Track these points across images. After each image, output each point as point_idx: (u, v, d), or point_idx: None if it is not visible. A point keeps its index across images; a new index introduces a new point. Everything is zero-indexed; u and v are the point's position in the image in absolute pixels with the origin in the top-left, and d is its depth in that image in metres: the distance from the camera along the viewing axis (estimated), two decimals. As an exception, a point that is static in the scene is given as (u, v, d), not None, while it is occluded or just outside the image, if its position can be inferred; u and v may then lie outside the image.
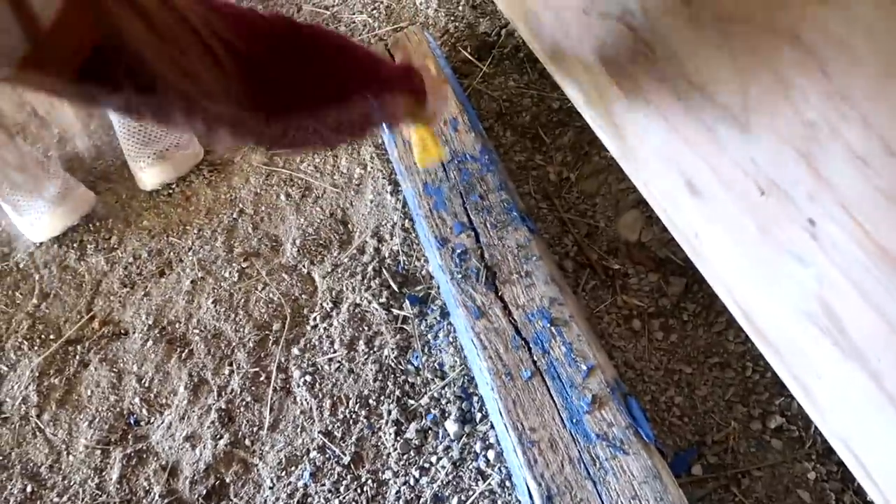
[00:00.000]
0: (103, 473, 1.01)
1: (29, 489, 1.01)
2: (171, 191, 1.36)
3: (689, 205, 0.79)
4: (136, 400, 1.08)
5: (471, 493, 0.86)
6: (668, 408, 0.86)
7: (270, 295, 1.16)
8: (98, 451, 1.03)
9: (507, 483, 0.86)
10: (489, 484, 0.86)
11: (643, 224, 1.01)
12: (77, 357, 1.16)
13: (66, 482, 1.01)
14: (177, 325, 1.16)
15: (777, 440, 0.80)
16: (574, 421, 0.78)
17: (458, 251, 0.97)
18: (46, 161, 1.30)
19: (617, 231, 1.04)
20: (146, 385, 1.10)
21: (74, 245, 1.31)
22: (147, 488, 0.98)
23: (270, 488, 0.93)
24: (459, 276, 0.94)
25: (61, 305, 1.24)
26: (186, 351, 1.12)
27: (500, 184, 1.04)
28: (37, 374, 1.15)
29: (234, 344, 1.11)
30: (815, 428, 0.79)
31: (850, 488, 0.76)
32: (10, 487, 1.02)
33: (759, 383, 0.85)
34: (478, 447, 0.89)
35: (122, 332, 1.17)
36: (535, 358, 0.84)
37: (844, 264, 0.55)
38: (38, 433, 1.08)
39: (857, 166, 0.49)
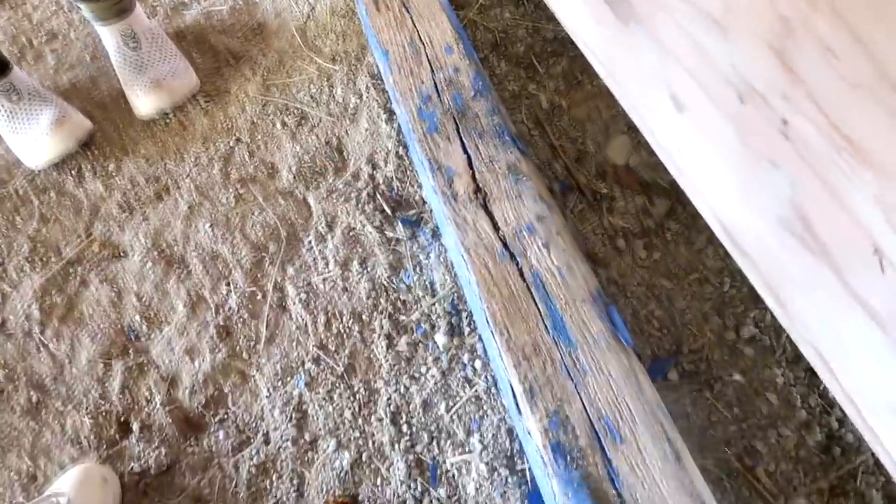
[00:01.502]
0: (105, 384, 1.05)
1: (35, 398, 1.06)
2: (167, 120, 1.37)
3: (674, 121, 0.81)
4: (136, 317, 1.12)
5: (458, 399, 0.90)
6: (649, 320, 0.90)
7: (266, 219, 1.18)
8: (100, 364, 1.07)
9: (493, 390, 0.90)
10: (475, 390, 0.90)
11: (631, 149, 1.04)
12: (77, 277, 1.19)
13: (69, 392, 1.05)
14: (175, 247, 1.19)
15: (749, 349, 0.84)
16: (557, 328, 0.81)
17: (451, 173, 0.99)
18: (42, 88, 1.32)
19: (605, 156, 1.06)
20: (145, 303, 1.13)
21: (72, 172, 1.33)
22: (148, 397, 1.02)
23: (267, 397, 0.98)
24: (451, 195, 0.97)
25: (61, 229, 1.26)
26: (185, 271, 1.15)
27: (492, 108, 1.06)
28: (39, 294, 1.18)
29: (231, 264, 1.14)
30: (786, 338, 0.83)
31: (816, 391, 0.80)
32: (16, 397, 1.06)
33: (735, 297, 0.88)
34: (465, 358, 0.93)
35: (121, 253, 1.20)
36: (522, 270, 0.87)
37: (813, 160, 0.58)
38: (41, 348, 1.12)
39: (826, 58, 0.51)
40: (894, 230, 0.51)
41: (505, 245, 0.90)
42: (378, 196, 1.15)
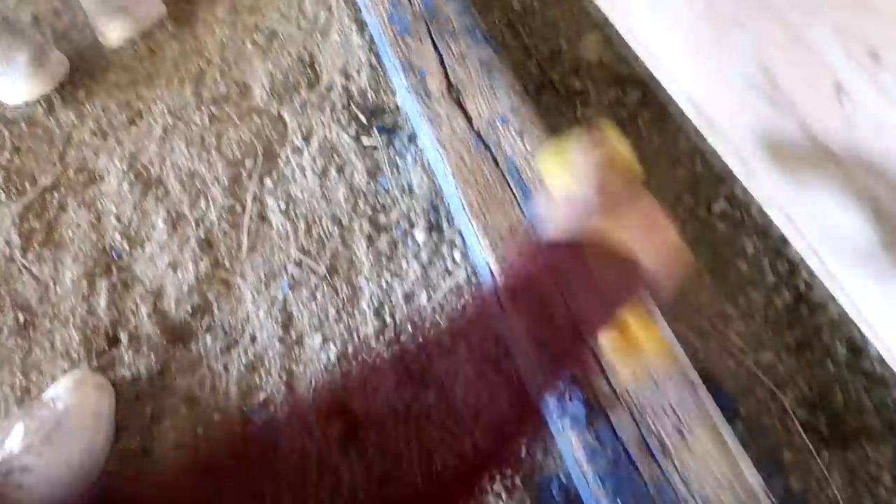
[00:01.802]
0: (91, 301, 1.06)
1: (22, 319, 1.06)
2: (135, 47, 1.35)
3: (644, 7, 0.82)
4: (117, 236, 1.12)
5: (439, 289, 0.92)
6: (622, 203, 0.92)
7: (241, 135, 1.18)
8: (84, 282, 1.08)
9: (473, 278, 0.92)
10: (456, 280, 0.92)
11: (603, 44, 1.04)
12: (55, 202, 1.19)
13: (56, 310, 1.06)
14: (151, 169, 1.18)
15: (721, 223, 0.87)
16: (532, 210, 0.83)
17: (423, 72, 0.99)
18: (14, 21, 1.28)
19: (578, 53, 1.07)
20: (125, 223, 1.13)
21: (42, 103, 1.31)
22: (134, 310, 1.03)
23: (252, 301, 0.99)
24: (424, 94, 0.97)
25: (34, 157, 1.25)
26: (162, 190, 1.15)
27: (463, 9, 1.05)
28: (17, 220, 1.18)
29: (208, 181, 1.14)
30: (756, 210, 0.86)
31: (784, 257, 0.83)
32: (3, 318, 1.07)
33: (707, 176, 0.90)
34: (444, 250, 0.95)
35: (98, 178, 1.19)
36: (497, 159, 0.88)
37: (776, 4, 0.59)
38: (23, 270, 1.12)
39: None
40: (852, 60, 0.53)
41: (479, 137, 0.91)
42: (353, 106, 1.15)
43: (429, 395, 0.39)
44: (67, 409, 0.86)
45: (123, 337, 1.01)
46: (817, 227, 0.69)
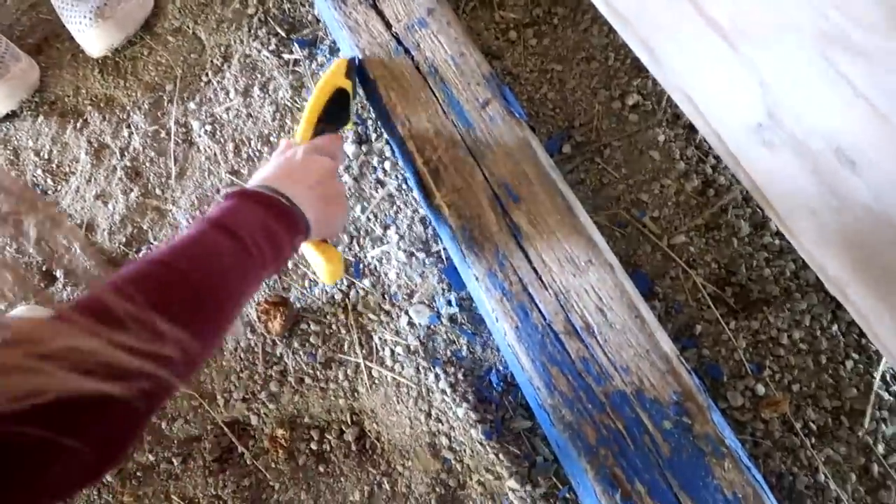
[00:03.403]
0: (20, 239, 1.04)
1: (-52, 262, 1.04)
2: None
3: None
4: (39, 172, 1.09)
5: (371, 199, 0.94)
6: (542, 103, 0.94)
7: (158, 58, 1.14)
8: (10, 221, 1.05)
9: (404, 186, 0.94)
10: (388, 189, 0.94)
11: (518, -59, 1.03)
12: (-33, 141, 1.14)
13: (-16, 251, 1.04)
14: (65, 99, 1.14)
15: (633, 115, 0.90)
16: (455, 111, 0.85)
17: (337, -21, 0.97)
18: None
19: (493, -47, 1.06)
20: (45, 157, 1.10)
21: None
22: (67, 245, 1.02)
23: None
24: (341, 1, 0.95)
25: (-64, 94, 1.18)
26: (80, 121, 1.11)
27: None
28: (-71, 162, 1.13)
29: (128, 108, 1.11)
30: (666, 100, 0.90)
31: (693, 144, 0.88)
32: (-72, 263, 1.05)
33: (620, 69, 0.93)
34: (374, 161, 0.96)
35: (9, 112, 1.14)
36: (417, 62, 0.89)
37: None
38: (-57, 214, 1.08)
39: None
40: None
41: (398, 41, 0.91)
42: (270, 20, 1.12)
43: None
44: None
45: (59, 273, 1.00)
46: (714, 106, 0.73)
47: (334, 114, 0.83)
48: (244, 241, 0.54)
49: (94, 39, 1.09)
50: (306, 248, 0.72)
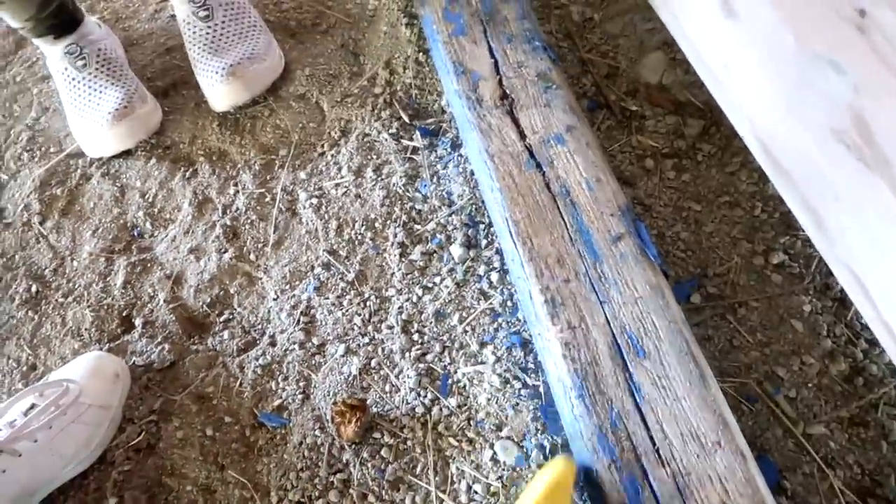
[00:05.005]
0: (108, 279, 1.02)
1: (34, 289, 1.03)
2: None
3: (721, 30, 0.76)
4: (140, 214, 1.08)
5: (472, 310, 0.88)
6: (674, 242, 0.87)
7: (277, 121, 1.13)
8: (102, 259, 1.04)
9: (509, 303, 0.87)
10: (490, 303, 0.88)
11: (666, 66, 0.98)
12: (79, 170, 1.15)
13: (70, 285, 1.02)
14: (180, 146, 1.14)
15: (777, 275, 0.82)
16: (583, 240, 0.78)
17: (476, 77, 0.94)
18: (117, 57, 1.15)
19: (638, 73, 1.01)
20: (149, 200, 1.09)
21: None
22: (152, 294, 0.99)
23: (275, 300, 0.95)
24: (475, 100, 0.92)
25: (61, 120, 1.21)
26: (190, 170, 1.11)
27: (523, 13, 1.00)
28: (38, 184, 1.14)
29: (238, 166, 1.09)
30: (816, 265, 0.81)
31: (843, 321, 0.78)
32: (14, 286, 1.04)
33: (766, 222, 0.85)
34: (481, 270, 0.90)
35: (124, 150, 1.14)
36: (548, 180, 0.83)
37: (890, 53, 0.53)
38: (41, 239, 1.08)
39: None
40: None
41: (531, 154, 0.86)
42: (395, 103, 1.10)
43: None
44: (78, 398, 0.82)
45: (138, 321, 0.97)
46: (894, 300, 0.64)
47: None
48: None
49: (221, 96, 1.09)
50: None
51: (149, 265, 1.02)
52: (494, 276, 0.89)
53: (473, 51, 0.97)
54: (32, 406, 0.81)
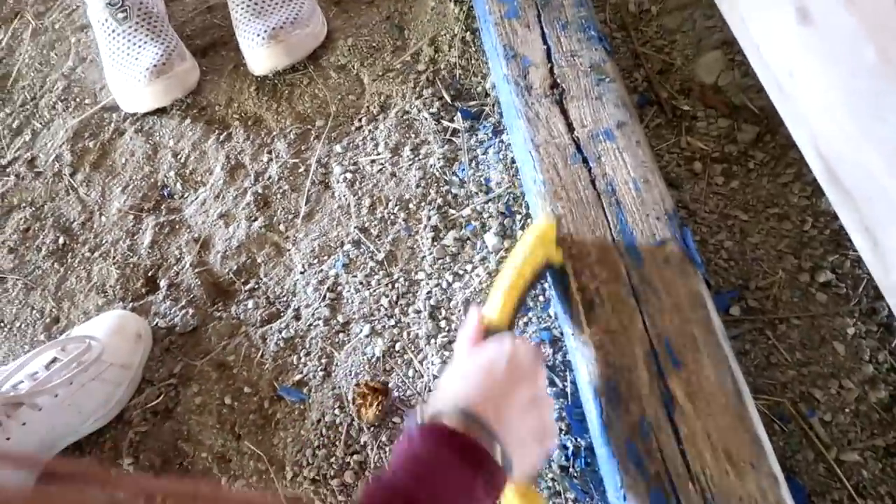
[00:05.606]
0: (135, 237, 1.01)
1: (61, 241, 1.02)
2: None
3: (792, 36, 0.72)
4: (171, 174, 1.06)
5: (502, 302, 0.86)
6: (717, 250, 0.84)
7: (316, 91, 1.11)
8: (131, 216, 1.03)
9: (541, 298, 0.86)
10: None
11: (724, 66, 0.95)
12: (112, 124, 1.14)
13: (97, 240, 1.02)
14: (216, 108, 1.12)
15: (822, 294, 0.79)
16: (625, 241, 0.76)
17: (527, 63, 0.91)
18: (158, 13, 1.13)
19: (693, 71, 0.98)
20: (181, 161, 1.08)
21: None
22: (178, 256, 0.98)
23: (301, 273, 0.94)
24: (524, 87, 0.89)
25: (98, 71, 1.20)
26: (225, 133, 1.09)
27: (579, 0, 0.96)
28: (71, 135, 1.13)
29: (274, 133, 1.07)
30: (864, 287, 0.78)
31: (887, 348, 0.75)
32: (42, 237, 1.03)
33: (816, 238, 0.82)
34: (515, 262, 0.88)
35: (159, 108, 1.13)
36: (594, 177, 0.81)
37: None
38: (70, 191, 1.07)
39: None
40: None
41: (578, 147, 0.83)
42: (438, 81, 1.07)
43: None
44: (101, 356, 0.82)
45: (163, 282, 0.96)
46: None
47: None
48: None
49: (261, 59, 1.07)
50: (506, 496, 0.59)
51: (177, 227, 1.01)
52: (528, 270, 0.87)
53: (526, 35, 0.94)
54: (54, 360, 0.81)
